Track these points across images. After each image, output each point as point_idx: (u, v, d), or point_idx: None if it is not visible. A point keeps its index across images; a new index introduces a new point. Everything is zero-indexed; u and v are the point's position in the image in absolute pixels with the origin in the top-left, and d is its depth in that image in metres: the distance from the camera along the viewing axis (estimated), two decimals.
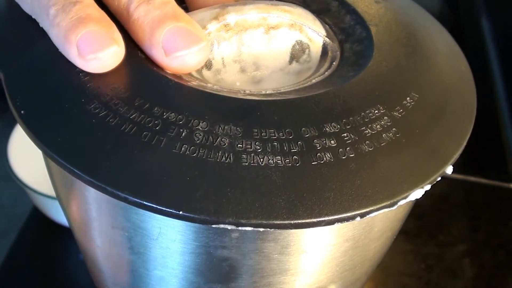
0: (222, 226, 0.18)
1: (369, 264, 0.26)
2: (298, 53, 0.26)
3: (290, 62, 0.26)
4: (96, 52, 0.21)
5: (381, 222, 0.23)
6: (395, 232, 0.26)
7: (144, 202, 0.18)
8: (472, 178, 0.52)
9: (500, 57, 0.60)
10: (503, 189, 0.53)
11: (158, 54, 0.22)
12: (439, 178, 0.20)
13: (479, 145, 0.35)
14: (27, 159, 0.47)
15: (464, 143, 0.22)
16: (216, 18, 0.25)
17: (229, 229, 0.18)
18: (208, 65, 0.25)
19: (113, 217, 0.22)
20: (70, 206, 0.25)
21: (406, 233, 0.48)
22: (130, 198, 0.18)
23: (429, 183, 0.20)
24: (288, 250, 0.21)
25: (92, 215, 0.23)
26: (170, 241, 0.21)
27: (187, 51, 0.22)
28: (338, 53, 0.25)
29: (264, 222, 0.18)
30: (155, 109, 0.20)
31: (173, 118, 0.20)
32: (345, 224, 0.20)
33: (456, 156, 0.21)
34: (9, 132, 0.51)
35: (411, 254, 0.47)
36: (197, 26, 0.23)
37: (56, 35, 0.22)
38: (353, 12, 0.26)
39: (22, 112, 0.20)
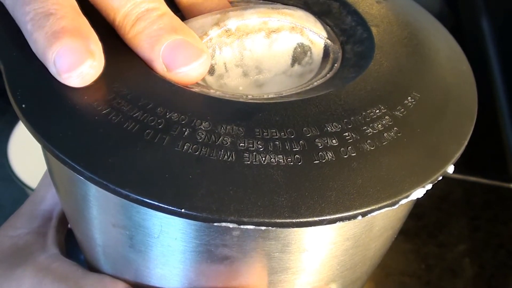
0: (224, 224, 0.18)
1: (370, 263, 0.26)
2: (300, 55, 0.26)
3: (292, 64, 0.26)
4: (71, 71, 0.20)
5: (381, 221, 0.23)
6: (396, 231, 0.26)
7: (146, 200, 0.18)
8: (472, 178, 0.53)
9: (500, 57, 0.60)
10: (503, 189, 0.53)
11: (159, 69, 0.22)
12: (440, 178, 0.21)
13: (479, 145, 0.35)
14: (27, 159, 0.47)
15: (466, 143, 0.22)
16: (217, 24, 0.25)
17: (231, 228, 0.18)
18: (211, 70, 0.25)
19: (114, 216, 0.22)
20: (70, 205, 0.25)
21: (406, 233, 0.48)
22: (132, 195, 0.18)
23: (430, 183, 0.20)
24: (289, 249, 0.21)
25: (93, 213, 0.23)
26: (171, 239, 0.21)
27: (189, 67, 0.22)
28: (340, 54, 0.25)
29: (266, 220, 0.18)
30: (158, 109, 0.20)
31: (176, 118, 0.20)
32: (346, 223, 0.20)
33: (457, 155, 0.21)
34: (9, 132, 0.51)
35: (411, 254, 0.47)
36: (195, 37, 0.22)
37: (36, 52, 0.21)
38: (354, 13, 0.26)
39: (23, 106, 0.20)
